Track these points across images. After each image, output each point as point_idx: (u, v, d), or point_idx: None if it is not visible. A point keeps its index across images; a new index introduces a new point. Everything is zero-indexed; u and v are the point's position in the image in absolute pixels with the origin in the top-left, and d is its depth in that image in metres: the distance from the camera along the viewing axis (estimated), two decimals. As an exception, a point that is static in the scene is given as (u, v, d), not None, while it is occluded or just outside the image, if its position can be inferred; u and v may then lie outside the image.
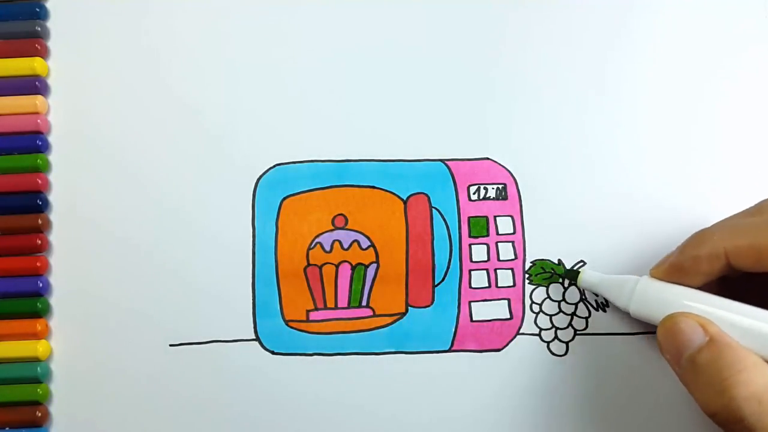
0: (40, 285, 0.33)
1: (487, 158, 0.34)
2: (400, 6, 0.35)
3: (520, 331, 0.33)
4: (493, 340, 0.33)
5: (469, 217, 0.33)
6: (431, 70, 0.34)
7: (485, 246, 0.33)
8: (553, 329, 0.33)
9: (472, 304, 0.33)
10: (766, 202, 0.29)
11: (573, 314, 0.33)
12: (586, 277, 0.32)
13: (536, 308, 0.33)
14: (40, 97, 0.34)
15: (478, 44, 0.34)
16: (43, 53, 0.34)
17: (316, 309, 0.33)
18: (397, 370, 0.33)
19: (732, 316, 0.27)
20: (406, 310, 0.33)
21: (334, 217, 0.34)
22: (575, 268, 0.33)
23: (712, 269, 0.28)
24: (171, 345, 0.33)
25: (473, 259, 0.33)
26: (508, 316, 0.33)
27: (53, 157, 0.34)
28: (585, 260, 0.33)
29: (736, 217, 0.29)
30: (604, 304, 0.33)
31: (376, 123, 0.34)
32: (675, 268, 0.29)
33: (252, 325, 0.33)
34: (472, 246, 0.33)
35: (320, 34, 0.35)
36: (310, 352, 0.33)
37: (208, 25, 0.35)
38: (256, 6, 0.35)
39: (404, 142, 0.34)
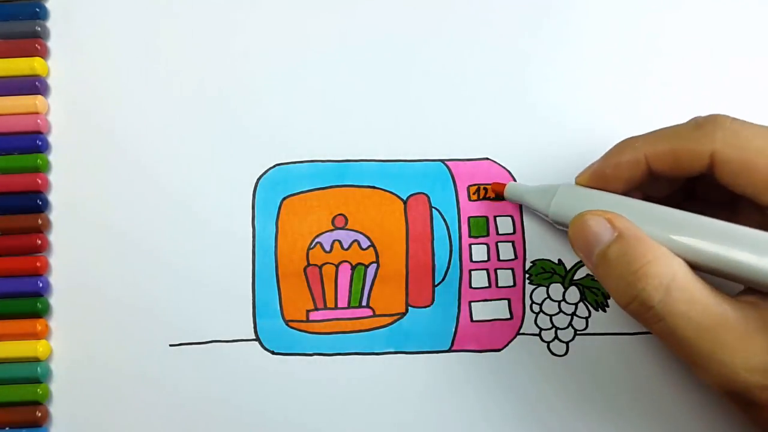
0: (40, 285, 0.33)
1: (487, 158, 0.34)
2: (400, 6, 0.35)
3: (520, 331, 0.33)
4: (493, 340, 0.33)
5: (469, 217, 0.33)
6: (431, 70, 0.34)
7: (485, 246, 0.33)
8: (553, 329, 0.33)
9: (473, 304, 0.33)
10: (700, 117, 0.28)
11: (573, 314, 0.33)
12: (510, 188, 0.32)
13: (536, 308, 0.33)
14: (40, 97, 0.34)
15: (478, 44, 0.34)
16: (43, 53, 0.34)
17: (316, 309, 0.33)
18: (397, 370, 0.33)
19: (642, 215, 0.27)
20: (406, 310, 0.33)
21: (334, 217, 0.33)
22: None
23: (633, 175, 0.28)
24: (171, 345, 0.33)
25: (473, 259, 0.33)
26: (509, 316, 0.33)
27: (53, 157, 0.34)
28: (585, 260, 0.33)
29: (665, 128, 0.29)
30: (604, 304, 0.33)
31: (376, 123, 0.34)
32: (597, 175, 0.29)
33: (252, 325, 0.33)
34: (472, 246, 0.33)
35: (320, 34, 0.35)
36: (310, 352, 0.33)
37: (209, 26, 0.35)
38: (255, 6, 0.35)
39: (404, 142, 0.34)
